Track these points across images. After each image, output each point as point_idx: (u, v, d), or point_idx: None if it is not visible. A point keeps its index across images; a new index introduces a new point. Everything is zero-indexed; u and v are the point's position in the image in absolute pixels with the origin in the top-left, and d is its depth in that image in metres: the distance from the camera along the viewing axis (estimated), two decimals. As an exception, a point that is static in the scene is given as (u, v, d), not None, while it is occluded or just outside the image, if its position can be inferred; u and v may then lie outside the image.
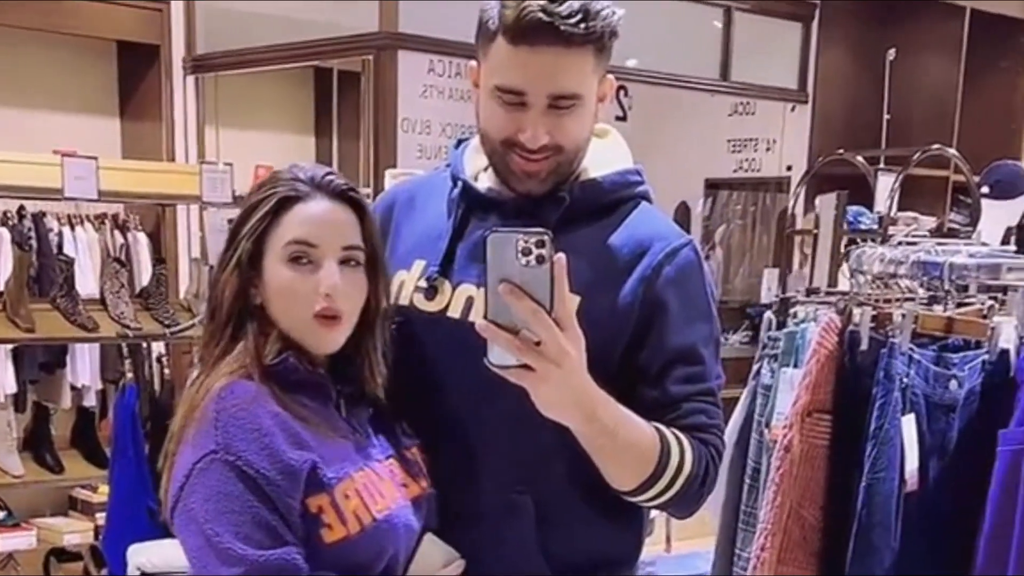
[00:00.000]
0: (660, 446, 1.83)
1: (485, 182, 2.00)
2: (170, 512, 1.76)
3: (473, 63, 1.94)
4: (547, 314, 1.63)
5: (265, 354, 1.78)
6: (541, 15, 1.78)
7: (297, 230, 1.79)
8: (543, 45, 1.80)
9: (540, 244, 1.62)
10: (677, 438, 1.86)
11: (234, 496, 1.67)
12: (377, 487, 1.80)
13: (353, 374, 1.88)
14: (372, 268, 1.86)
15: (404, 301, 1.98)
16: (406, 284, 1.99)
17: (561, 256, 1.63)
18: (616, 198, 1.99)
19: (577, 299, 1.82)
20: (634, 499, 1.88)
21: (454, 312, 1.94)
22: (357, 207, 1.86)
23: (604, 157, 2.02)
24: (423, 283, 1.97)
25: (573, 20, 1.79)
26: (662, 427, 1.85)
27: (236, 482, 1.67)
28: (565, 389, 1.68)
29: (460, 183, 2.01)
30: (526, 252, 1.62)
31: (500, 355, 1.65)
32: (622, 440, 1.80)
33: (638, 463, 1.83)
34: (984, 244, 3.04)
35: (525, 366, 1.65)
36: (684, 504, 1.93)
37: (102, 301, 4.75)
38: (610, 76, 1.94)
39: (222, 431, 1.69)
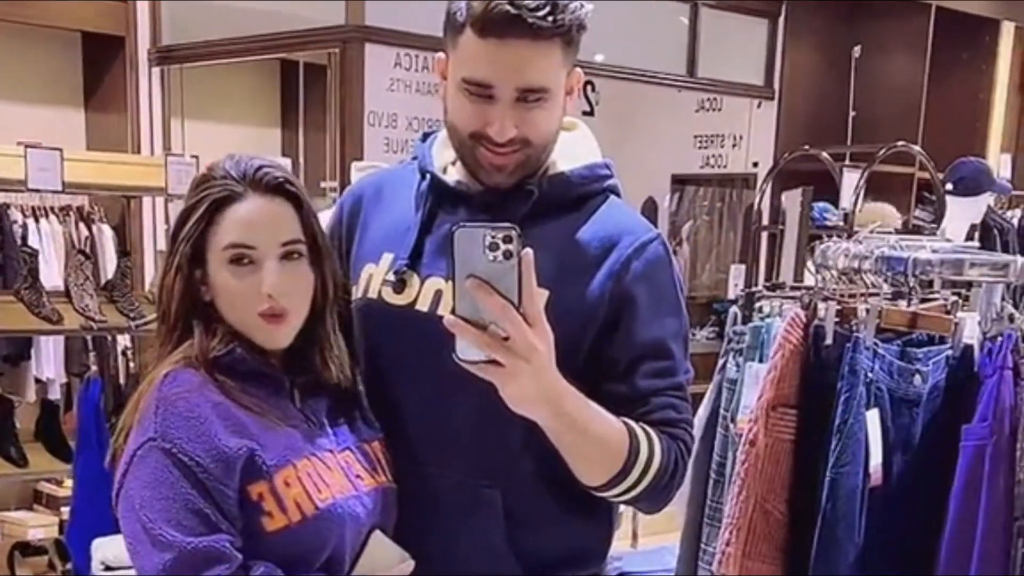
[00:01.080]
0: (629, 441, 1.82)
1: (453, 175, 1.99)
2: (114, 498, 1.78)
3: (441, 55, 1.93)
4: (515, 309, 1.62)
5: (214, 347, 1.79)
6: (509, 7, 1.77)
7: (233, 233, 1.78)
8: (511, 38, 1.79)
9: (507, 239, 1.61)
10: (646, 433, 1.85)
11: (168, 483, 1.68)
12: (323, 476, 1.80)
13: (308, 364, 1.88)
14: (316, 257, 1.85)
15: (372, 294, 1.97)
16: (374, 277, 1.98)
17: (529, 251, 1.62)
18: (585, 192, 1.99)
19: (545, 293, 1.81)
20: (603, 494, 1.88)
21: (422, 305, 1.93)
22: (293, 199, 1.84)
23: (573, 151, 2.01)
24: (391, 276, 1.96)
25: (541, 13, 1.78)
26: (631, 422, 1.85)
27: (171, 469, 1.68)
28: (533, 384, 1.67)
29: (428, 176, 2.00)
30: (493, 247, 1.61)
31: (468, 350, 1.65)
32: (591, 435, 1.79)
33: (607, 458, 1.82)
34: (948, 240, 3.05)
35: (493, 361, 1.64)
36: (654, 499, 1.92)
37: (67, 293, 4.72)
38: (578, 69, 1.93)
39: (160, 419, 1.71)
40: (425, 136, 2.13)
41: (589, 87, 6.96)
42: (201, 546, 1.67)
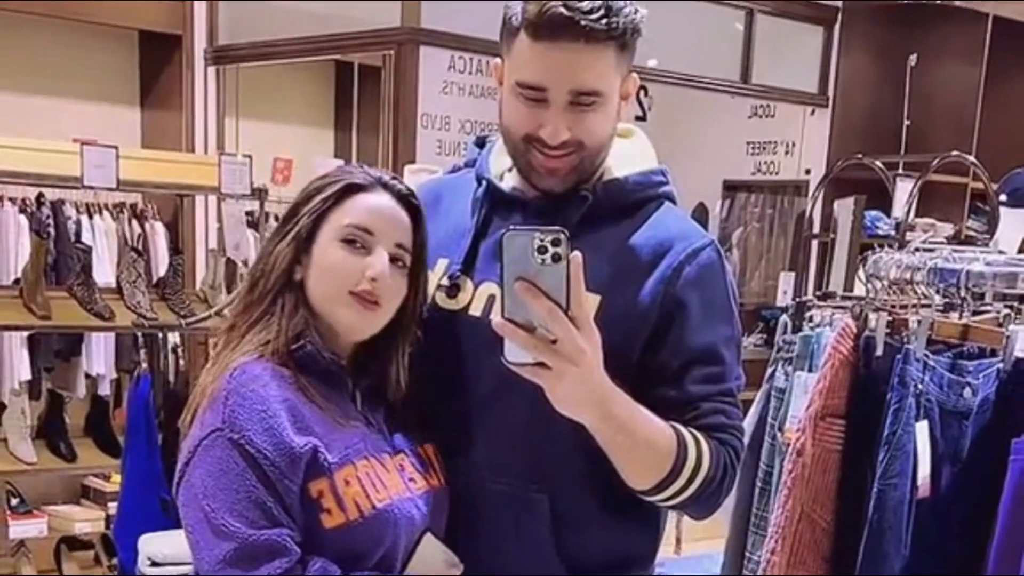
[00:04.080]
0: (677, 446, 1.82)
1: (510, 182, 2.00)
2: (175, 485, 1.79)
3: (497, 60, 1.94)
4: (563, 312, 1.62)
5: (294, 325, 1.82)
6: (563, 10, 1.77)
7: (358, 215, 1.84)
8: (564, 41, 1.79)
9: (556, 242, 1.62)
10: (695, 438, 1.85)
11: (234, 474, 1.70)
12: (380, 478, 1.81)
13: (374, 370, 1.91)
14: (414, 275, 1.90)
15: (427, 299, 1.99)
16: (429, 282, 1.99)
17: (577, 254, 1.62)
18: (639, 198, 1.99)
19: (597, 298, 1.82)
20: (651, 498, 1.87)
21: (475, 310, 1.95)
22: (414, 213, 1.91)
23: (629, 157, 2.02)
24: (445, 281, 1.98)
25: (594, 16, 1.78)
26: (680, 427, 1.84)
27: (238, 460, 1.70)
28: (581, 387, 1.68)
29: (484, 182, 2.02)
30: (542, 250, 1.62)
31: (516, 353, 1.65)
32: (638, 439, 1.79)
33: (654, 462, 1.82)
34: (1001, 252, 3.03)
35: (541, 364, 1.65)
36: (702, 505, 1.91)
37: (118, 290, 4.76)
38: (634, 75, 1.93)
39: (229, 409, 1.72)
40: (480, 140, 2.14)
41: (642, 92, 6.94)
42: (263, 539, 1.68)
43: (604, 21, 1.79)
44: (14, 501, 5.90)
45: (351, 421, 1.83)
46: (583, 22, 1.78)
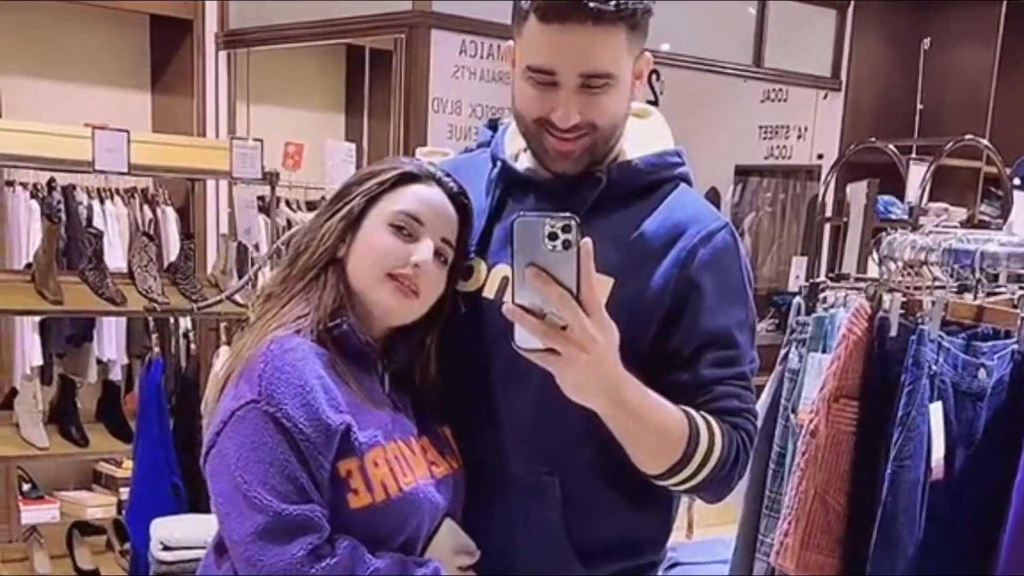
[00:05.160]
0: (689, 430, 1.81)
1: (524, 162, 2.00)
2: (204, 454, 1.79)
3: (510, 43, 1.93)
4: (574, 298, 1.62)
5: (334, 299, 1.83)
6: None
7: (410, 203, 1.87)
8: (573, 23, 1.78)
9: (567, 229, 1.61)
10: (707, 422, 1.84)
11: (268, 447, 1.70)
12: (408, 461, 1.82)
13: (404, 355, 1.92)
14: (453, 272, 1.92)
15: None
16: None
17: (588, 241, 1.62)
18: (654, 179, 1.98)
19: (610, 280, 1.82)
20: (663, 483, 1.87)
21: (489, 292, 1.95)
22: (463, 212, 1.94)
23: (644, 138, 2.01)
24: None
25: None
26: (692, 411, 1.84)
27: (273, 433, 1.70)
28: (591, 374, 1.67)
29: (499, 163, 2.02)
30: (553, 237, 1.61)
31: (526, 338, 1.65)
32: (650, 424, 1.79)
33: (666, 447, 1.81)
34: (1014, 235, 3.02)
35: (551, 350, 1.64)
36: (714, 488, 1.91)
37: (130, 275, 4.76)
38: (647, 54, 1.92)
39: (266, 382, 1.72)
40: (492, 123, 2.14)
41: (654, 76, 6.93)
42: (295, 513, 1.69)
43: (613, 2, 1.78)
44: (26, 487, 5.94)
45: (380, 403, 1.84)
46: (591, 4, 1.77)
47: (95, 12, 6.44)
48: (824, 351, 2.78)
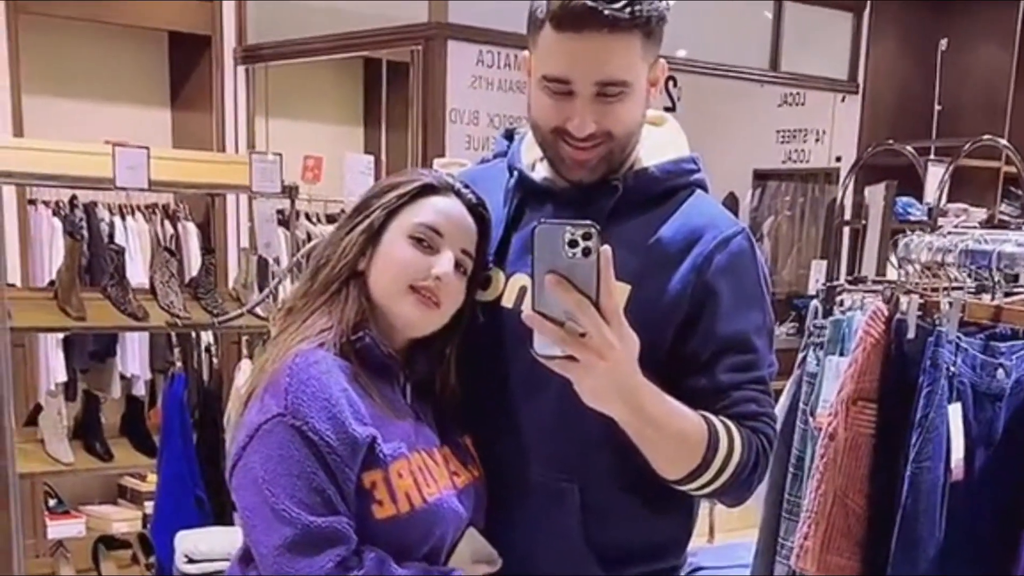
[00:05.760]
0: (708, 435, 1.81)
1: (541, 172, 2.01)
2: (230, 469, 1.80)
3: (526, 53, 1.93)
4: (593, 306, 1.63)
5: (358, 311, 1.84)
6: (586, 0, 1.77)
7: (431, 216, 1.88)
8: (588, 31, 1.78)
9: (587, 236, 1.62)
10: (726, 427, 1.84)
11: (295, 460, 1.70)
12: (431, 472, 1.83)
13: (424, 366, 1.93)
14: (472, 281, 1.93)
15: None
16: None
17: (607, 248, 1.62)
18: (670, 186, 1.98)
19: (628, 288, 1.82)
20: (682, 488, 1.86)
21: (507, 302, 1.95)
22: (482, 224, 1.95)
23: (660, 145, 2.02)
24: None
25: (618, 5, 1.77)
26: (710, 416, 1.84)
27: (300, 447, 1.71)
28: (609, 381, 1.67)
29: (516, 173, 2.02)
30: (573, 244, 1.62)
31: (545, 346, 1.65)
32: (668, 431, 1.79)
33: (685, 453, 1.81)
34: (1034, 235, 3.01)
35: (570, 357, 1.64)
36: (734, 493, 1.91)
37: (152, 290, 4.78)
38: (662, 61, 1.92)
39: (292, 396, 1.73)
40: (508, 132, 2.14)
41: (671, 83, 6.95)
42: (324, 525, 1.69)
43: (628, 9, 1.78)
44: (52, 502, 5.97)
45: (402, 414, 1.85)
46: (606, 11, 1.77)
47: (114, 31, 6.48)
48: (842, 354, 2.78)
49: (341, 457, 1.71)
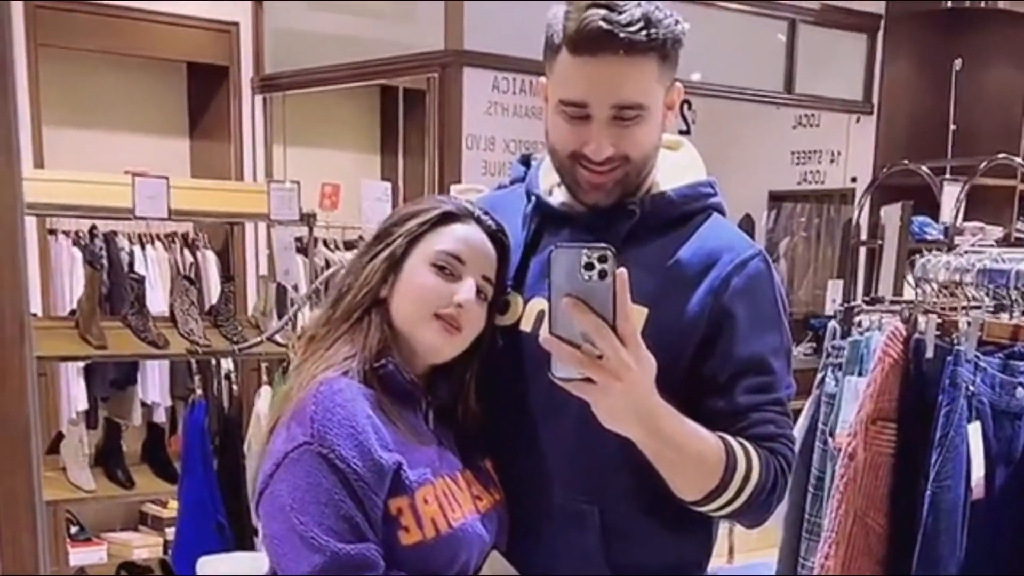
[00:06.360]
0: (726, 457, 1.82)
1: (558, 197, 2.02)
2: (256, 497, 1.81)
3: (542, 79, 1.95)
4: (609, 328, 1.64)
5: (380, 340, 1.85)
6: (602, 23, 1.78)
7: (452, 243, 1.89)
8: (605, 54, 1.80)
9: (603, 259, 1.63)
10: (744, 448, 1.85)
11: (323, 488, 1.71)
12: (455, 496, 1.84)
13: (445, 391, 1.94)
14: (491, 306, 1.94)
15: None
16: None
17: (623, 271, 1.63)
18: (687, 210, 1.99)
19: (645, 311, 1.83)
20: (700, 509, 1.87)
21: (526, 326, 1.96)
22: (501, 250, 1.96)
23: (677, 169, 2.03)
24: None
25: (634, 28, 1.79)
26: (728, 437, 1.84)
27: (327, 474, 1.72)
28: (626, 402, 1.68)
29: (534, 198, 2.04)
30: (589, 267, 1.63)
31: (562, 368, 1.67)
32: (686, 452, 1.79)
33: (703, 474, 1.82)
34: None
35: (587, 379, 1.66)
36: (752, 514, 1.91)
37: (172, 318, 4.81)
38: (678, 84, 1.93)
39: (318, 424, 1.74)
40: (524, 158, 2.15)
41: (686, 106, 6.96)
42: (352, 552, 1.70)
43: (644, 32, 1.79)
44: (74, 529, 5.98)
45: (426, 440, 1.86)
46: (622, 34, 1.78)
47: (133, 62, 6.52)
48: (860, 374, 2.78)
49: (368, 484, 1.72)
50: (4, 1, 1.20)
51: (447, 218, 1.91)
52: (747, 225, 7.62)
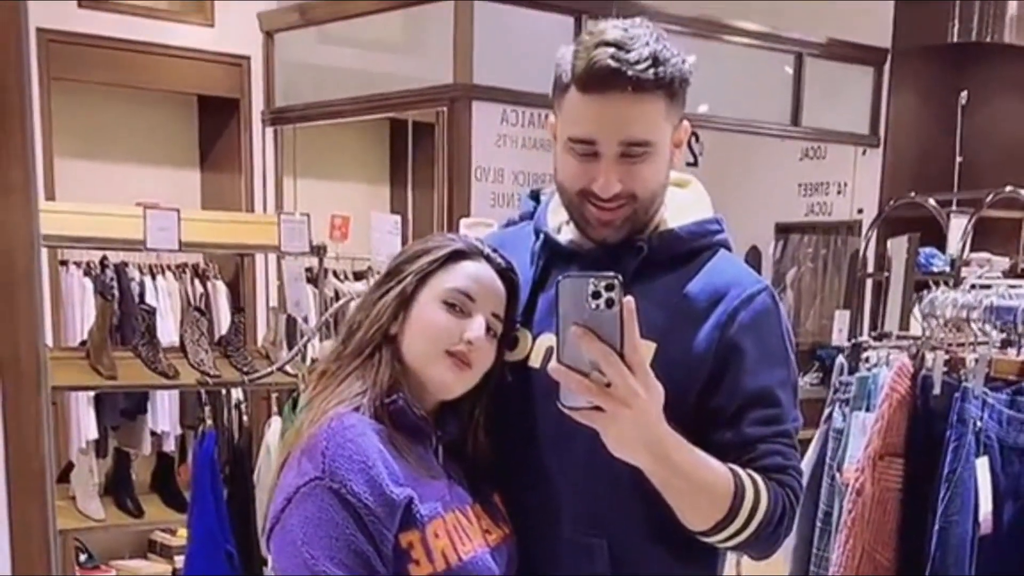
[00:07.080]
0: (734, 487, 1.83)
1: (567, 234, 2.04)
2: (268, 532, 1.82)
3: (551, 118, 1.97)
4: (617, 356, 1.65)
5: (391, 376, 1.86)
6: (610, 62, 1.80)
7: (462, 281, 1.91)
8: (613, 92, 1.82)
9: (610, 288, 1.65)
10: (752, 479, 1.86)
11: (334, 523, 1.72)
12: (465, 530, 1.85)
13: (454, 426, 1.95)
14: (501, 343, 1.95)
15: None
16: None
17: (630, 299, 1.65)
18: (694, 247, 2.01)
19: (653, 345, 1.84)
20: (708, 539, 1.88)
21: (534, 362, 1.97)
22: (511, 288, 1.98)
23: (685, 207, 2.04)
24: None
25: (642, 66, 1.81)
26: (737, 468, 1.85)
27: (338, 509, 1.73)
28: (635, 430, 1.69)
29: (542, 235, 2.05)
30: (596, 296, 1.65)
31: (571, 397, 1.68)
32: (695, 481, 1.80)
33: (711, 504, 1.83)
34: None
35: (596, 407, 1.67)
36: (760, 546, 1.92)
37: (182, 349, 4.82)
38: (685, 122, 1.96)
39: (329, 459, 1.75)
40: (534, 193, 2.17)
41: (693, 138, 6.97)
42: None
43: (652, 71, 1.81)
44: (83, 557, 5.99)
45: (436, 474, 1.87)
46: (631, 72, 1.80)
47: (144, 95, 6.56)
48: (868, 410, 2.79)
49: (379, 519, 1.73)
50: (21, 42, 1.22)
51: (457, 256, 1.93)
52: (754, 257, 7.63)
